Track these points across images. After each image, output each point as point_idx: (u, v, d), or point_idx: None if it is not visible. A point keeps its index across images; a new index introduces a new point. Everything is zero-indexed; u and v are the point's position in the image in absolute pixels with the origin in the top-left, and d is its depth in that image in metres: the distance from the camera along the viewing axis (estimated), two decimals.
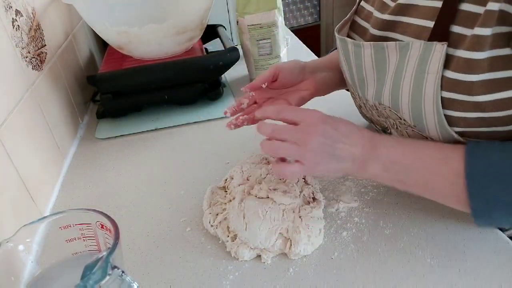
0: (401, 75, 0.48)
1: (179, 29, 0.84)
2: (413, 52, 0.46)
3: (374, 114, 0.58)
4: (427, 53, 0.44)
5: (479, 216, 0.42)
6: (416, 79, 0.46)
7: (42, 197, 0.64)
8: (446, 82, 0.43)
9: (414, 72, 0.46)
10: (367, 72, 0.54)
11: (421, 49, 0.45)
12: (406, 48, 0.47)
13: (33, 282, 0.41)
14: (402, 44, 0.47)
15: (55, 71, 0.80)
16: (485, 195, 0.41)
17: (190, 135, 0.81)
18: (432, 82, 0.44)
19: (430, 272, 0.46)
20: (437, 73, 0.43)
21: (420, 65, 0.45)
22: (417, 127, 0.49)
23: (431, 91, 0.45)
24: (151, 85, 0.85)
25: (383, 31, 0.51)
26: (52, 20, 0.84)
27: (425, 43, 0.44)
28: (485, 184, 0.41)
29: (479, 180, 0.41)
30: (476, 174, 0.41)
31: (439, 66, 0.43)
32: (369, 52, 0.52)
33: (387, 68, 0.50)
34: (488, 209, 0.41)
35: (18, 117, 0.61)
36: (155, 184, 0.67)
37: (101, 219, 0.41)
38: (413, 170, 0.46)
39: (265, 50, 0.91)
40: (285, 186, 0.54)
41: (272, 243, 0.50)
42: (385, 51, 0.50)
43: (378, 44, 0.50)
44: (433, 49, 0.43)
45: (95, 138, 0.83)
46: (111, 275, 0.34)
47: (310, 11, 2.70)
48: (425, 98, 0.45)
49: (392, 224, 0.53)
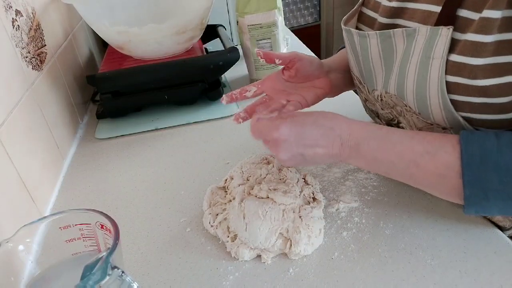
0: (407, 61, 0.48)
1: (179, 29, 0.84)
2: (420, 37, 0.46)
3: (378, 106, 0.58)
4: (433, 38, 0.44)
5: (471, 205, 0.42)
6: (421, 64, 0.46)
7: (42, 197, 0.63)
8: (451, 65, 0.43)
9: (419, 58, 0.46)
10: (374, 62, 0.54)
11: (427, 34, 0.45)
12: (412, 34, 0.46)
13: (33, 282, 0.41)
14: (409, 30, 0.47)
15: (55, 71, 0.79)
16: (480, 183, 0.41)
17: (190, 135, 0.81)
18: (436, 67, 0.44)
19: (431, 273, 0.46)
20: (442, 58, 0.43)
21: (426, 51, 0.45)
22: (421, 114, 0.49)
23: (435, 76, 0.44)
24: (151, 85, 0.85)
25: (391, 18, 0.51)
26: (52, 20, 0.84)
27: (431, 28, 0.44)
28: (481, 172, 0.40)
29: (475, 168, 0.41)
30: (472, 162, 0.41)
31: (444, 50, 0.43)
32: (375, 41, 0.51)
33: (395, 56, 0.50)
34: (482, 197, 0.41)
35: (18, 117, 0.61)
36: (155, 184, 0.67)
37: (101, 219, 0.41)
38: (398, 166, 0.46)
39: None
40: (285, 186, 0.54)
41: (272, 243, 0.50)
42: (392, 39, 0.49)
43: (384, 33, 0.50)
44: (439, 33, 0.43)
45: (94, 138, 0.83)
46: (111, 275, 0.34)
47: (310, 11, 2.70)
48: (430, 83, 0.45)
49: (393, 225, 0.53)
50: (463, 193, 0.42)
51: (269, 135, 0.47)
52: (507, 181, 0.39)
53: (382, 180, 0.61)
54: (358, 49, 0.55)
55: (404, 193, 0.58)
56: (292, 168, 0.58)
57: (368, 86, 0.57)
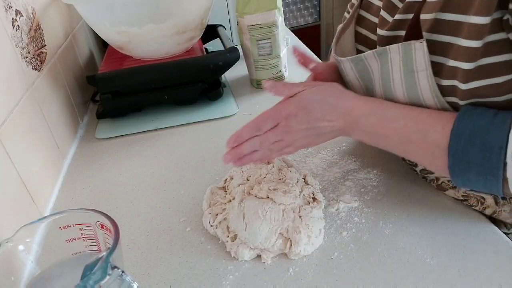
0: (389, 77, 0.49)
1: (179, 29, 0.84)
2: (393, 55, 0.47)
3: None
4: (408, 53, 0.45)
5: (456, 175, 0.43)
6: (406, 78, 0.47)
7: (42, 197, 0.64)
8: (446, 70, 0.44)
9: (402, 73, 0.47)
10: (353, 83, 0.56)
11: (400, 51, 0.45)
12: (384, 53, 0.48)
13: (33, 282, 0.41)
14: (379, 50, 0.48)
15: (55, 71, 0.80)
16: (463, 155, 0.41)
17: (190, 135, 0.81)
18: (424, 78, 0.45)
19: (430, 272, 0.46)
20: (426, 69, 0.44)
21: (406, 66, 0.46)
22: None
23: (426, 85, 0.45)
24: (151, 85, 0.85)
25: (393, 31, 0.51)
26: (52, 20, 0.84)
27: (402, 44, 0.45)
28: (467, 145, 0.41)
29: (463, 140, 0.41)
30: (461, 135, 0.41)
31: (426, 62, 0.44)
32: (349, 66, 0.54)
33: (372, 76, 0.52)
34: (465, 169, 0.42)
35: (18, 117, 0.61)
36: (155, 184, 0.67)
37: (101, 219, 0.41)
38: (393, 140, 0.48)
39: (265, 50, 0.91)
40: (285, 186, 0.54)
41: (272, 243, 0.50)
42: (364, 61, 0.51)
43: (355, 58, 0.52)
44: (413, 47, 0.44)
45: (95, 138, 0.83)
46: (111, 275, 0.34)
47: (310, 11, 2.70)
48: (422, 91, 0.46)
49: (392, 224, 0.53)
50: (447, 162, 0.43)
51: (279, 115, 0.50)
52: (489, 156, 0.40)
53: (382, 180, 0.61)
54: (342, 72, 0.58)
55: (404, 193, 0.58)
56: (292, 168, 0.58)
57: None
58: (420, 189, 0.59)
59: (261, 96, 0.93)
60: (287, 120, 0.50)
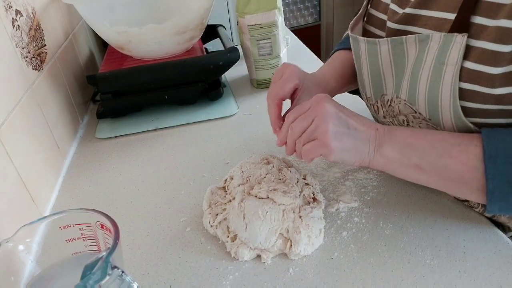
0: (420, 66, 0.48)
1: (179, 29, 0.84)
2: (433, 44, 0.46)
3: (380, 114, 0.58)
4: (446, 45, 0.44)
5: (495, 201, 0.42)
6: (434, 70, 0.46)
7: (42, 197, 0.64)
8: (466, 73, 0.43)
9: (433, 64, 0.46)
10: (385, 68, 0.54)
11: (441, 41, 0.45)
12: (425, 40, 0.47)
13: (33, 282, 0.41)
14: (422, 36, 0.47)
15: (55, 71, 0.79)
16: (505, 176, 0.40)
17: (190, 135, 0.81)
18: (450, 73, 0.44)
19: (430, 273, 0.46)
20: (456, 64, 0.44)
21: (439, 57, 0.45)
22: (432, 120, 0.49)
23: (449, 82, 0.45)
24: (151, 85, 0.85)
25: (402, 24, 0.51)
26: (52, 20, 0.84)
27: (445, 34, 0.44)
28: (505, 165, 0.40)
29: (500, 162, 0.40)
30: (495, 156, 0.40)
31: (459, 57, 0.43)
32: (386, 48, 0.52)
33: (406, 62, 0.51)
34: (507, 192, 0.41)
35: (18, 117, 0.61)
36: (155, 184, 0.67)
37: (101, 219, 0.41)
38: (431, 153, 0.45)
39: (265, 50, 0.91)
40: (285, 186, 0.54)
41: (272, 244, 0.50)
42: (403, 45, 0.50)
43: (395, 39, 0.50)
44: (453, 40, 0.43)
45: (95, 138, 0.83)
46: (111, 275, 0.34)
47: (310, 11, 2.70)
48: (443, 89, 0.46)
49: (392, 224, 0.53)
50: (486, 187, 0.41)
51: (313, 111, 0.47)
52: None
53: (382, 180, 0.61)
54: (364, 56, 0.55)
55: (404, 193, 0.58)
56: (292, 168, 0.58)
57: (370, 93, 0.57)
58: (421, 189, 0.58)
59: (261, 96, 0.93)
60: (323, 115, 0.47)
